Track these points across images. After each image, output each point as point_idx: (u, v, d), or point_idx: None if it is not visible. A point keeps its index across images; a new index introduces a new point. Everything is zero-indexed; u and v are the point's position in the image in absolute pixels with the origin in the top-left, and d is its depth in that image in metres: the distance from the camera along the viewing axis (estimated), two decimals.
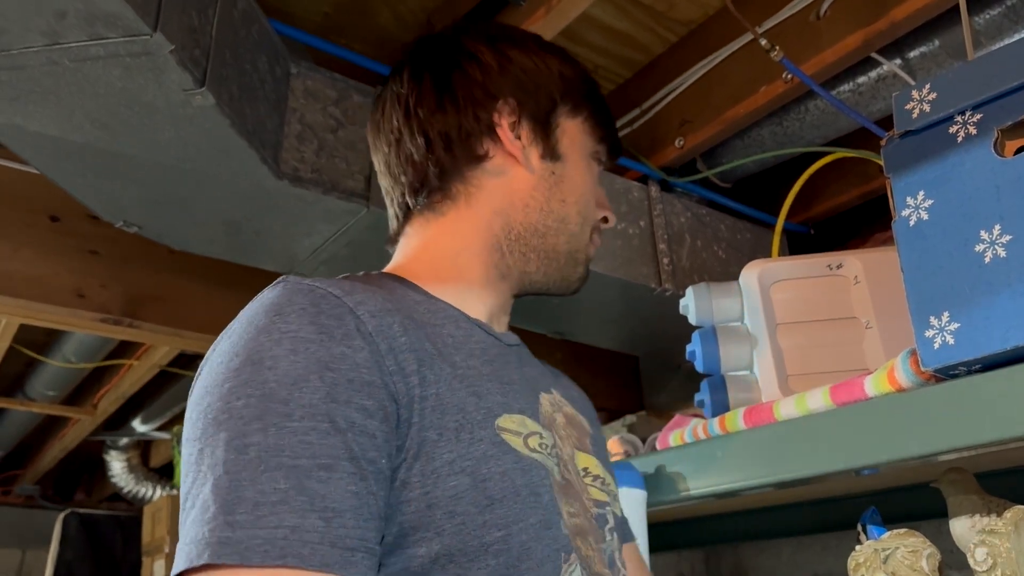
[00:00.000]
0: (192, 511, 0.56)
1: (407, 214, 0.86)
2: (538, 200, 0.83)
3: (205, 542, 0.53)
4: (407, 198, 0.85)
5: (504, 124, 0.83)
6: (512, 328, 0.92)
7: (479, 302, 0.83)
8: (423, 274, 0.81)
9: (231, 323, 0.67)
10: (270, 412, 0.57)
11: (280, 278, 0.68)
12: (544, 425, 0.77)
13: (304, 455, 0.56)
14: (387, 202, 0.90)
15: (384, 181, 0.89)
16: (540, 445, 0.73)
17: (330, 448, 0.57)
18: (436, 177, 0.83)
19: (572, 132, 0.88)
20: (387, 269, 0.84)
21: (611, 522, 0.81)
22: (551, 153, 0.85)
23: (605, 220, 0.92)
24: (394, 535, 0.61)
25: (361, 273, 0.80)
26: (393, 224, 0.89)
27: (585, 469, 0.82)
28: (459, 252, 0.83)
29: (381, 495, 0.59)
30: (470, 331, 0.77)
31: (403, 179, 0.85)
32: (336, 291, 0.65)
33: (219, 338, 0.67)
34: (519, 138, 0.84)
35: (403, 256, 0.85)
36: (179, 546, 0.56)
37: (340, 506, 0.56)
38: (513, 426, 0.71)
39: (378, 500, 0.59)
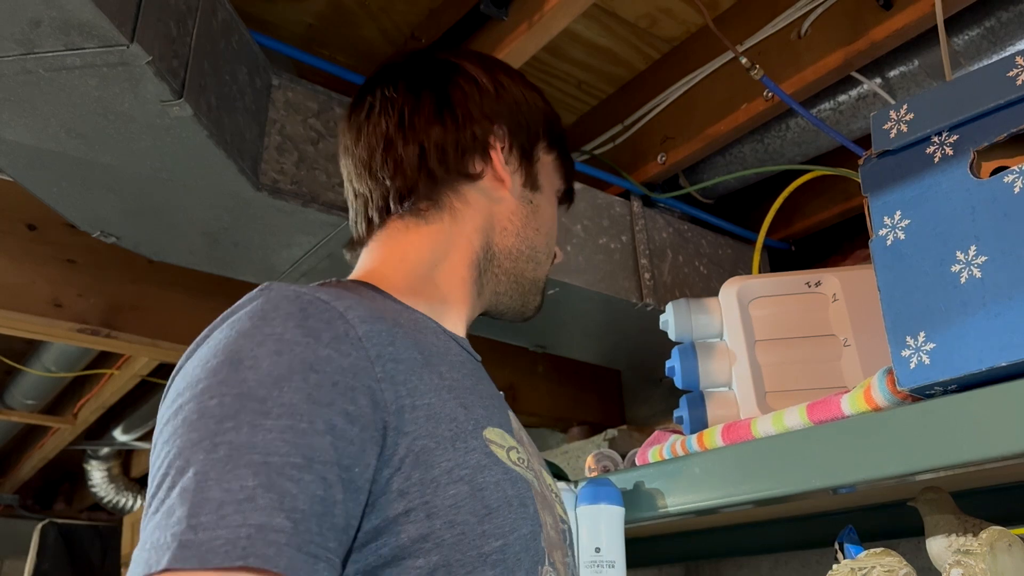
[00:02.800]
0: (156, 516, 0.54)
1: (384, 218, 0.85)
2: (516, 225, 0.86)
3: (166, 546, 0.51)
4: (391, 201, 0.84)
5: (498, 148, 0.86)
6: (492, 341, 0.94)
7: (455, 316, 0.83)
8: (398, 284, 0.80)
9: (209, 328, 0.66)
10: (244, 410, 0.55)
11: (263, 285, 0.67)
12: (517, 440, 0.78)
13: (277, 452, 0.54)
14: (356, 204, 0.88)
15: (359, 184, 0.88)
16: (519, 459, 0.74)
17: (306, 448, 0.55)
18: (426, 186, 0.84)
19: (548, 167, 0.91)
20: (357, 275, 0.83)
21: (570, 539, 0.82)
22: (532, 183, 0.89)
23: (555, 256, 0.95)
24: (391, 548, 0.60)
25: (333, 280, 0.77)
26: (362, 227, 0.87)
27: (549, 486, 0.83)
28: (437, 264, 0.83)
29: (347, 506, 0.57)
30: (446, 343, 0.77)
31: (387, 183, 0.84)
32: (324, 296, 0.64)
33: (195, 343, 0.65)
34: (507, 164, 0.87)
35: (375, 262, 0.83)
36: (137, 552, 0.53)
37: (308, 510, 0.54)
38: (497, 439, 0.72)
39: (343, 510, 0.57)
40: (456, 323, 0.84)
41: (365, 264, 0.84)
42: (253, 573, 0.50)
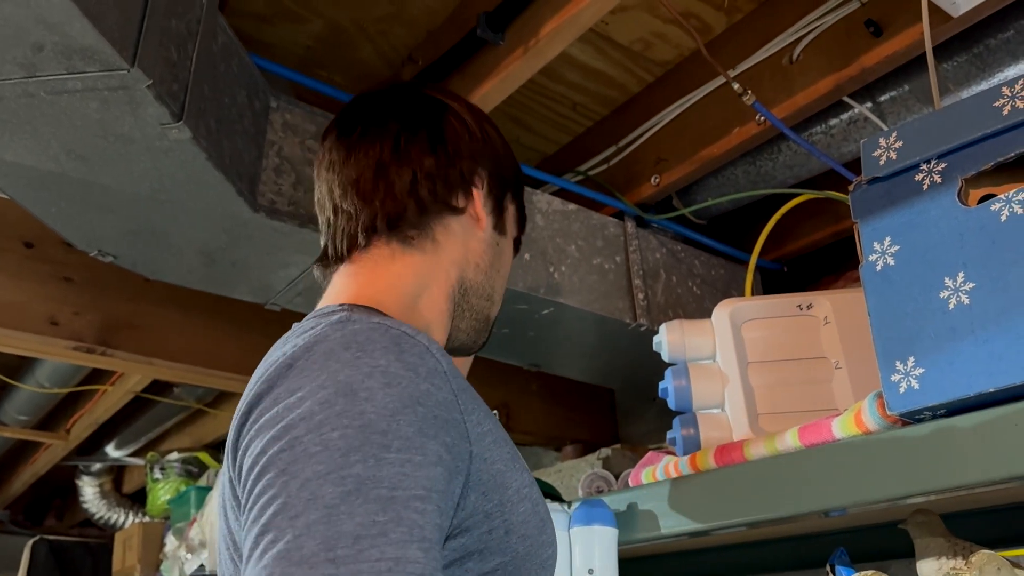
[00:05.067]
0: (276, 546, 0.55)
1: (370, 239, 0.85)
2: (484, 265, 0.90)
3: None
4: (378, 222, 0.84)
5: (480, 188, 0.90)
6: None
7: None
8: (394, 310, 0.80)
9: (286, 356, 0.66)
10: (369, 443, 0.57)
11: (339, 315, 0.69)
12: None
13: (401, 486, 0.57)
14: (338, 221, 0.88)
15: (344, 202, 0.87)
16: None
17: (424, 480, 0.58)
18: (415, 213, 0.85)
19: (511, 216, 0.96)
20: (353, 298, 0.81)
21: None
22: (500, 227, 0.93)
23: None
24: (478, 565, 0.65)
25: (363, 308, 0.77)
26: (342, 244, 0.86)
27: None
28: (421, 293, 0.84)
29: (445, 531, 0.62)
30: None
31: (377, 203, 0.85)
32: (408, 330, 0.67)
33: (274, 369, 0.66)
34: (484, 205, 0.90)
35: (364, 287, 0.83)
36: None
37: (432, 537, 0.57)
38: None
39: (445, 534, 0.61)
40: None
41: (352, 288, 0.83)
42: None
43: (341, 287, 0.85)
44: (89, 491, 3.69)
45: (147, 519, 3.20)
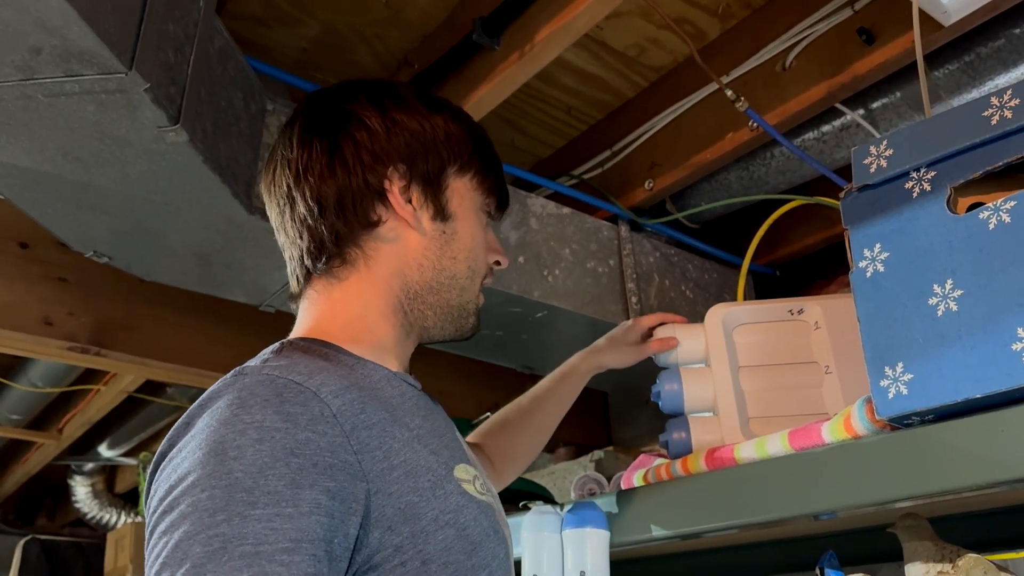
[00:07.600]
0: None
1: (308, 276, 0.86)
2: (431, 260, 0.86)
3: None
4: (306, 261, 0.86)
5: (395, 190, 0.85)
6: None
7: (394, 358, 0.85)
8: (342, 336, 0.82)
9: (188, 415, 0.69)
10: (234, 502, 0.60)
11: (237, 370, 0.71)
12: (474, 465, 0.82)
13: (267, 541, 0.59)
14: (286, 258, 0.90)
15: (281, 240, 0.89)
16: (482, 487, 0.80)
17: (293, 532, 0.60)
18: (332, 243, 0.84)
19: (461, 190, 0.90)
20: (303, 332, 0.84)
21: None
22: (441, 214, 0.87)
23: (498, 263, 0.95)
24: None
25: (300, 342, 0.80)
26: (293, 283, 0.89)
27: (496, 498, 0.87)
28: (366, 313, 0.84)
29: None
30: (401, 388, 0.81)
31: (300, 242, 0.86)
32: (296, 378, 0.68)
33: (176, 429, 0.69)
34: (410, 202, 0.86)
35: (313, 321, 0.85)
36: None
37: None
38: (466, 475, 0.78)
39: None
40: (400, 363, 0.86)
41: (305, 322, 0.85)
42: None
43: (298, 321, 0.87)
44: (81, 491, 3.69)
45: (139, 519, 3.19)
